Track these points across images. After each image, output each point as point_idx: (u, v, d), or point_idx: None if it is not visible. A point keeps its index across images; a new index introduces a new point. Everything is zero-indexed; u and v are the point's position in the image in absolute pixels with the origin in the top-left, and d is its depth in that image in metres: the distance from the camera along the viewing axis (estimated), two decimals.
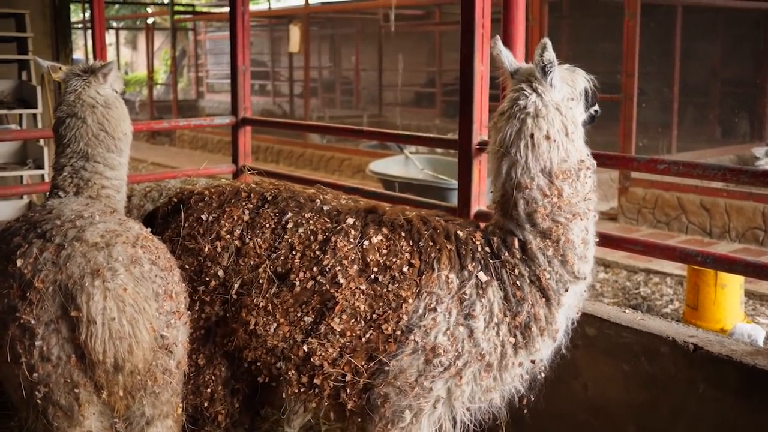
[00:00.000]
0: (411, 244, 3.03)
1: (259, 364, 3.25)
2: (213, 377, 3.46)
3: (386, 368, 2.99)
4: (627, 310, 3.94)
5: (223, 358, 3.41)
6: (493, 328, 3.02)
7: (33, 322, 2.80)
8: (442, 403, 3.10)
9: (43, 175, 8.46)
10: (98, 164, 3.68)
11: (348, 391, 3.07)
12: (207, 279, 3.26)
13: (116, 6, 29.67)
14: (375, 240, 3.02)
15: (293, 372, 3.13)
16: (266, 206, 3.29)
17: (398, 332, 2.96)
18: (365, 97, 23.22)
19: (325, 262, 3.03)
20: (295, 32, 18.27)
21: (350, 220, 3.12)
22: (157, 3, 25.25)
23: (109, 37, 29.75)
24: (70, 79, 3.84)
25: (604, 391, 3.84)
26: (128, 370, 2.89)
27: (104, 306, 2.81)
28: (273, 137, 17.56)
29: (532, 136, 3.03)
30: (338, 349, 3.01)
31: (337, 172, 15.48)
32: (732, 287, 6.35)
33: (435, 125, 18.96)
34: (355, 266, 3.00)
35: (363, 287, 2.96)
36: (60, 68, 3.92)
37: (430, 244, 3.04)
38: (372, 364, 3.00)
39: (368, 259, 3.01)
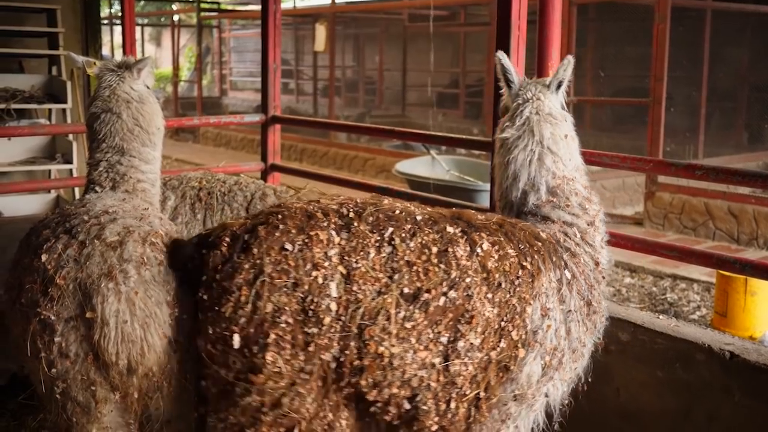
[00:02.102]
0: (514, 247, 2.93)
1: (389, 403, 2.75)
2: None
3: (513, 377, 2.89)
4: (661, 316, 3.91)
5: (345, 407, 2.79)
6: (581, 322, 3.07)
7: (53, 318, 2.82)
8: (543, 405, 3.08)
9: (71, 170, 8.52)
10: (133, 158, 3.69)
11: (482, 409, 2.85)
12: (320, 316, 2.63)
13: (141, 2, 29.86)
14: (486, 246, 2.85)
15: (431, 402, 2.75)
16: (355, 223, 2.78)
17: (525, 337, 2.87)
18: (388, 97, 23.22)
19: (452, 275, 2.75)
20: (321, 31, 18.30)
21: (450, 229, 2.85)
22: (183, 0, 25.37)
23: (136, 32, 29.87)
24: (104, 74, 3.85)
25: (637, 397, 3.81)
26: (141, 372, 2.90)
27: (117, 308, 2.82)
28: (297, 135, 17.59)
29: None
30: (476, 365, 2.78)
31: (360, 172, 15.48)
32: (762, 295, 6.27)
33: (457, 127, 18.93)
34: (479, 275, 2.80)
35: (489, 296, 2.80)
36: (94, 63, 3.93)
37: (529, 246, 2.98)
38: (502, 375, 2.85)
39: (488, 267, 2.82)
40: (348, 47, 25.82)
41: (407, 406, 2.74)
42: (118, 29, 25.43)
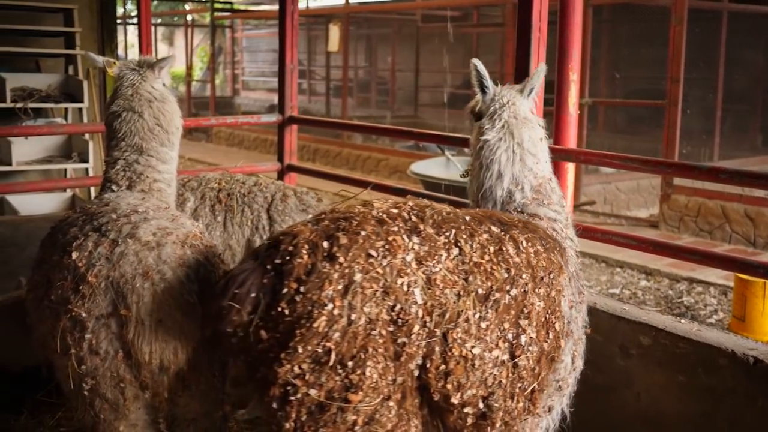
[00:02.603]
0: (541, 244, 2.98)
1: (466, 405, 2.73)
2: None
3: (557, 367, 2.99)
4: (682, 320, 3.89)
5: (416, 415, 2.73)
6: (581, 312, 3.19)
7: (84, 315, 2.84)
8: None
9: (87, 169, 8.55)
10: (151, 158, 3.69)
11: (535, 401, 2.88)
12: (409, 324, 2.54)
13: (154, 2, 29.95)
14: (525, 244, 2.89)
15: (501, 399, 2.76)
16: (420, 227, 2.71)
17: (564, 328, 2.97)
18: (400, 98, 23.22)
19: (511, 273, 2.79)
20: (334, 32, 18.31)
21: (494, 228, 2.87)
22: (197, 0, 25.44)
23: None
24: (125, 73, 3.85)
25: (658, 402, 3.78)
26: (173, 371, 2.91)
27: (153, 308, 2.83)
28: (310, 136, 17.60)
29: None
30: (534, 359, 2.83)
31: (373, 172, 15.48)
32: None
33: (470, 127, 18.85)
34: (527, 271, 2.84)
35: (537, 290, 2.86)
36: (114, 63, 3.94)
37: (550, 241, 3.05)
38: (550, 366, 2.93)
39: (531, 263, 2.87)
40: (360, 47, 25.83)
41: (481, 405, 2.73)
42: (130, 29, 25.57)
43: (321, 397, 2.43)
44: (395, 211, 2.74)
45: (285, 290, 2.46)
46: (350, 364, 2.43)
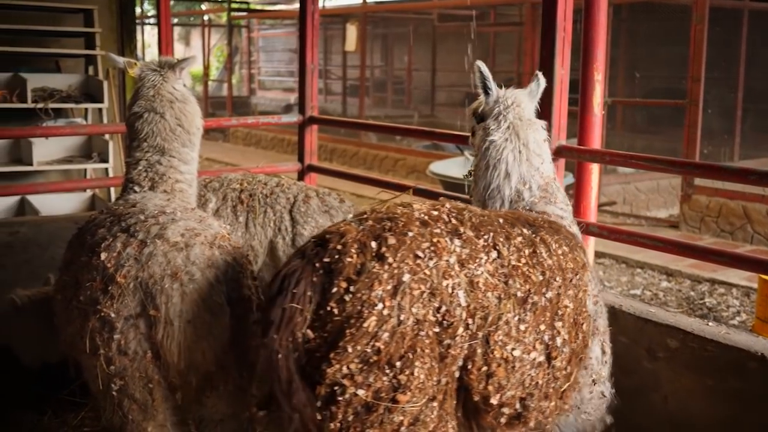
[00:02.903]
0: (565, 243, 3.03)
1: (504, 406, 2.76)
2: None
3: (586, 365, 3.10)
4: (710, 323, 3.84)
5: (452, 416, 2.73)
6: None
7: (113, 315, 2.84)
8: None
9: (107, 169, 8.57)
10: (173, 159, 3.70)
11: (566, 399, 2.96)
12: (454, 326, 2.56)
13: (171, 2, 30.00)
14: (554, 245, 2.94)
15: (537, 400, 2.81)
16: (461, 229, 2.72)
17: (590, 327, 3.05)
18: (416, 97, 23.17)
19: (546, 275, 2.84)
20: (352, 31, 18.30)
21: (525, 230, 2.90)
22: (214, 0, 25.50)
23: None
24: (146, 74, 3.85)
25: (686, 405, 3.74)
26: (202, 372, 2.93)
27: (182, 309, 2.83)
28: (327, 135, 17.60)
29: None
30: (567, 359, 2.89)
31: (391, 172, 15.45)
32: None
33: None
34: (559, 273, 2.89)
35: (568, 292, 2.91)
36: (135, 64, 3.94)
37: (573, 240, 3.10)
38: (580, 365, 3.00)
39: (561, 264, 2.92)
40: (377, 47, 25.80)
41: (518, 406, 2.77)
42: (146, 29, 25.64)
43: (369, 398, 2.42)
44: (435, 212, 2.76)
45: (335, 289, 2.45)
46: (398, 364, 2.43)
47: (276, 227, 4.15)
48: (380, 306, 2.42)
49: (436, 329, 2.52)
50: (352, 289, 2.44)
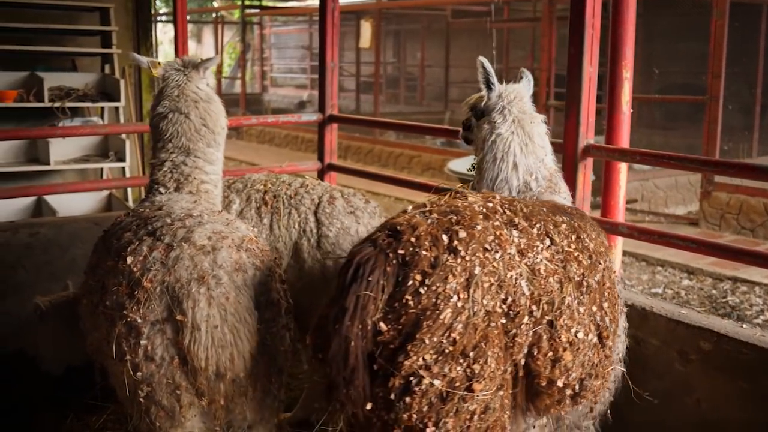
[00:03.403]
0: (594, 229, 3.15)
1: (567, 387, 2.84)
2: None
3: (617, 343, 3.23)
4: (745, 325, 3.77)
5: (509, 401, 2.79)
6: None
7: (139, 320, 2.80)
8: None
9: (123, 168, 8.55)
10: (198, 159, 3.66)
11: (607, 378, 3.08)
12: (520, 315, 2.64)
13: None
14: (589, 230, 3.06)
15: (593, 380, 2.91)
16: (516, 220, 2.80)
17: (621, 306, 3.19)
18: (429, 94, 23.09)
19: (593, 258, 2.96)
20: (366, 28, 18.23)
21: (565, 218, 2.99)
22: None
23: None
24: (170, 74, 3.82)
25: (719, 409, 3.68)
26: (229, 378, 2.87)
27: (209, 313, 2.78)
28: (341, 132, 17.46)
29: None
30: (612, 338, 3.01)
31: (406, 169, 15.39)
32: None
33: None
34: (595, 257, 3.00)
35: (606, 275, 3.05)
36: (159, 64, 3.91)
37: (597, 226, 3.22)
38: (615, 343, 3.12)
39: (599, 249, 3.04)
40: (390, 43, 25.73)
41: (577, 387, 2.86)
42: (159, 26, 25.63)
43: (444, 387, 2.47)
44: (491, 204, 2.84)
45: (410, 282, 2.48)
46: (472, 354, 2.49)
47: (301, 229, 4.09)
48: (455, 298, 2.48)
49: (503, 320, 2.60)
50: (427, 281, 2.48)
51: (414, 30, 24.07)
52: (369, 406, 2.50)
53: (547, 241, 2.82)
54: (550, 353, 2.72)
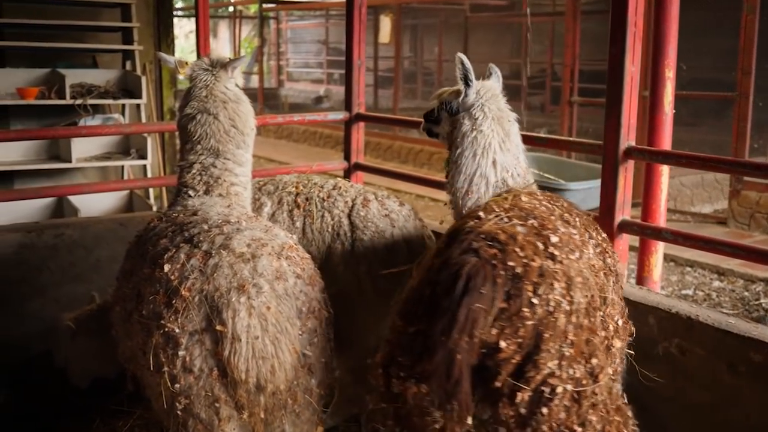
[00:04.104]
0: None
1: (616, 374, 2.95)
2: None
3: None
4: None
5: None
6: None
7: (177, 331, 2.70)
8: None
9: (145, 166, 8.47)
10: (228, 161, 3.59)
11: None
12: (596, 309, 2.71)
13: None
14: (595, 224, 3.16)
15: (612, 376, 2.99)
16: (568, 218, 2.92)
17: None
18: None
19: (609, 249, 3.07)
20: (386, 23, 18.09)
21: (577, 211, 3.11)
22: None
23: (190, 24, 30.10)
24: (198, 74, 3.73)
25: None
26: (270, 390, 2.77)
27: (249, 323, 2.68)
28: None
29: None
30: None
31: (426, 166, 15.26)
32: None
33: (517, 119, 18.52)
34: (609, 249, 3.12)
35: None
36: (186, 63, 3.83)
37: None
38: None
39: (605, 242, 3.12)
40: (407, 38, 25.57)
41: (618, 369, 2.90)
42: (174, 21, 25.59)
43: (574, 388, 2.50)
44: (547, 204, 2.92)
45: (524, 294, 2.47)
46: (587, 350, 2.55)
47: (334, 232, 3.98)
48: (564, 303, 2.51)
49: (591, 318, 2.63)
50: (539, 291, 2.49)
51: (431, 24, 23.90)
52: (470, 421, 2.48)
53: (592, 241, 2.90)
54: (607, 342, 2.74)
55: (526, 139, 6.05)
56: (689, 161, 3.98)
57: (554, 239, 2.63)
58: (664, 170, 4.11)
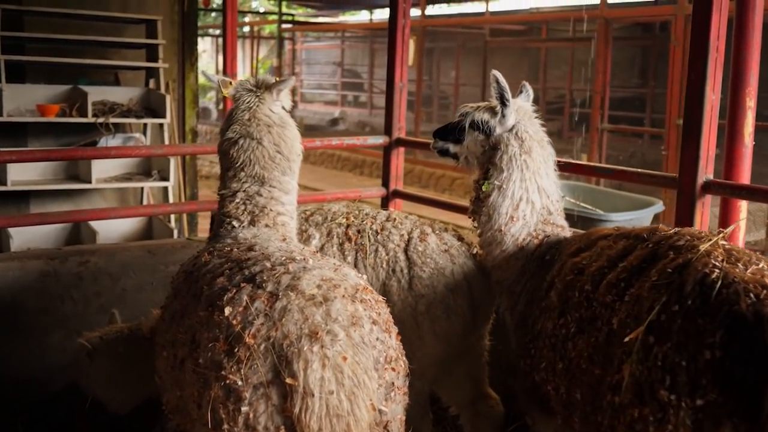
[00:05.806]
0: None
1: None
2: None
3: None
4: None
5: None
6: None
7: (240, 383, 2.37)
8: None
9: (166, 188, 8.17)
10: (274, 189, 3.32)
11: None
12: None
13: (213, 14, 29.98)
14: None
15: None
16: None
17: None
18: None
19: None
20: (410, 45, 17.88)
21: None
22: (263, 13, 25.35)
23: (204, 43, 30.03)
24: (241, 95, 3.46)
25: None
26: None
27: (323, 376, 2.35)
28: (378, 151, 17.14)
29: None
30: None
31: (447, 191, 14.93)
32: None
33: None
34: None
35: None
36: (230, 83, 3.55)
37: None
38: None
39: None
40: (427, 61, 25.42)
41: None
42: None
43: None
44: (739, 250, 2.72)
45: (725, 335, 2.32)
46: None
47: (390, 268, 3.66)
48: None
49: None
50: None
51: (448, 48, 23.71)
52: None
53: None
54: None
55: (586, 169, 5.75)
56: None
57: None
58: (743, 206, 3.80)
